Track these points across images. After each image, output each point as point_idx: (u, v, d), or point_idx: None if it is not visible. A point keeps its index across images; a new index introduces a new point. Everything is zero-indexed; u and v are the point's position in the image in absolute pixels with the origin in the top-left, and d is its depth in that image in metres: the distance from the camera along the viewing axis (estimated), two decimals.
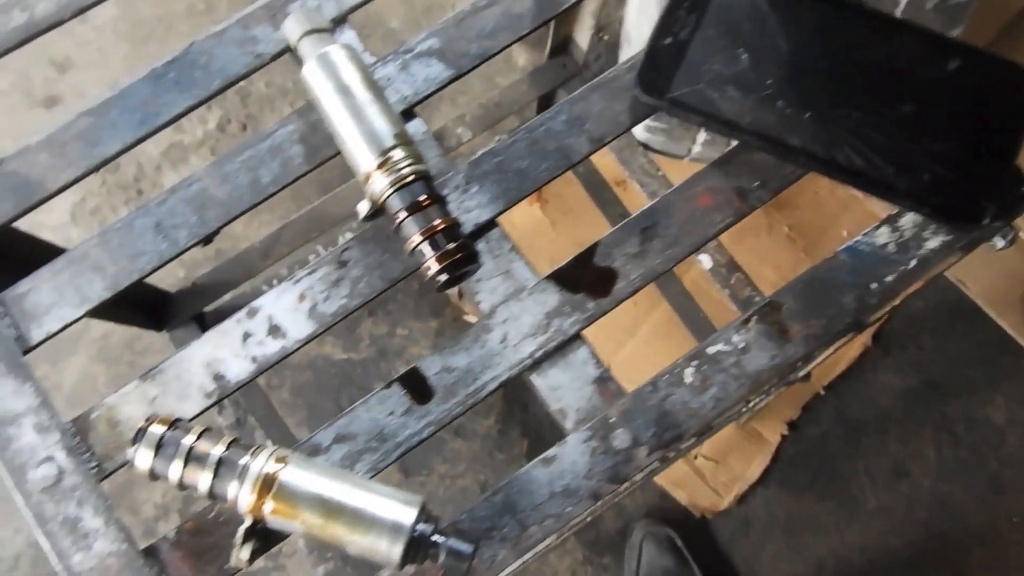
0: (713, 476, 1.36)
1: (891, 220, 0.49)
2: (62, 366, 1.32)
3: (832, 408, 1.38)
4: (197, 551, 0.45)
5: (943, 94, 0.49)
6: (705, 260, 0.98)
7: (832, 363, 1.37)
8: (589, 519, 0.46)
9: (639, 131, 1.01)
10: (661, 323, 1.34)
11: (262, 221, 1.43)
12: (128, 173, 1.42)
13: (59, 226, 1.40)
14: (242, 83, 1.47)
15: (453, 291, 1.36)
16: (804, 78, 0.49)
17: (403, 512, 0.41)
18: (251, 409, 0.97)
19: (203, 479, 0.42)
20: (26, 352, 0.47)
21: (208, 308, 0.98)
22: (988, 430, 1.37)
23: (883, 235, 0.49)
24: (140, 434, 0.42)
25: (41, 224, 1.36)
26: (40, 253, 0.55)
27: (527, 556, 0.45)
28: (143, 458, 0.42)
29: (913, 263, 0.49)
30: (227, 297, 1.00)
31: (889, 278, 0.48)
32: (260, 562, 1.33)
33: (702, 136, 0.93)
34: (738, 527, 1.35)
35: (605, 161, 1.21)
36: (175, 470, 0.41)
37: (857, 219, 1.36)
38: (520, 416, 1.38)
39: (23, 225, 0.52)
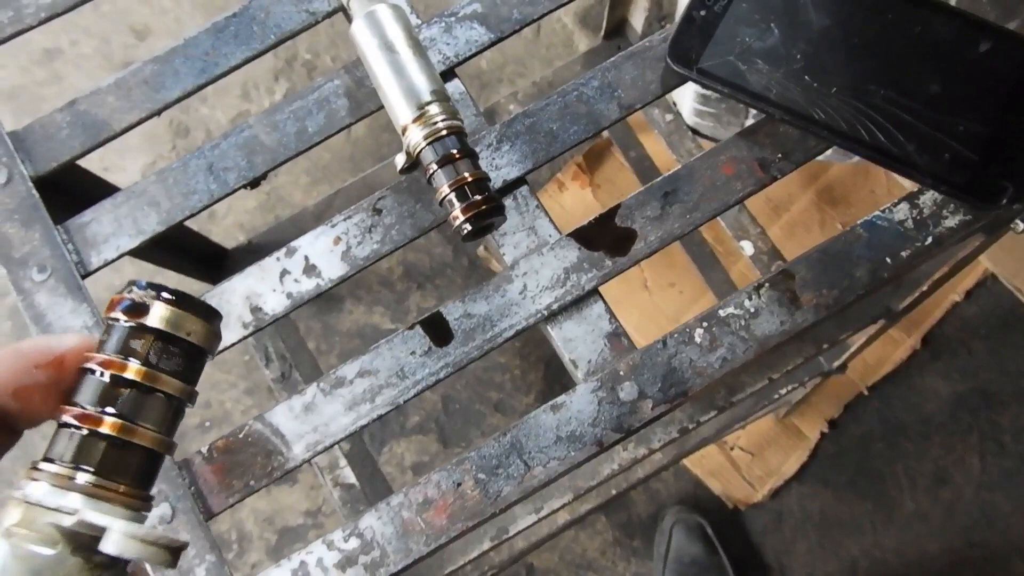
0: (748, 468, 1.36)
1: (911, 197, 0.50)
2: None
3: (875, 409, 1.37)
4: (226, 467, 0.49)
5: (971, 75, 0.49)
6: (747, 247, 0.98)
7: (877, 363, 1.36)
8: (614, 493, 0.47)
9: (689, 116, 1.02)
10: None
11: (320, 191, 1.48)
12: (197, 139, 1.49)
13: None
14: (309, 57, 1.52)
15: (491, 261, 1.39)
16: (832, 54, 0.50)
17: None
18: (298, 366, 1.02)
19: None
20: (84, 276, 0.52)
21: None
22: None
23: (902, 211, 0.50)
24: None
25: (115, 184, 1.44)
26: (101, 191, 0.60)
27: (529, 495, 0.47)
28: None
29: (929, 240, 0.49)
30: None
31: (904, 253, 0.49)
32: (299, 518, 1.38)
33: (750, 121, 0.94)
34: (771, 521, 1.35)
35: (657, 148, 1.22)
36: None
37: None
38: (560, 394, 1.40)
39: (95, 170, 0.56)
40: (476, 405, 1.41)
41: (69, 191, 0.57)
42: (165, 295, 0.28)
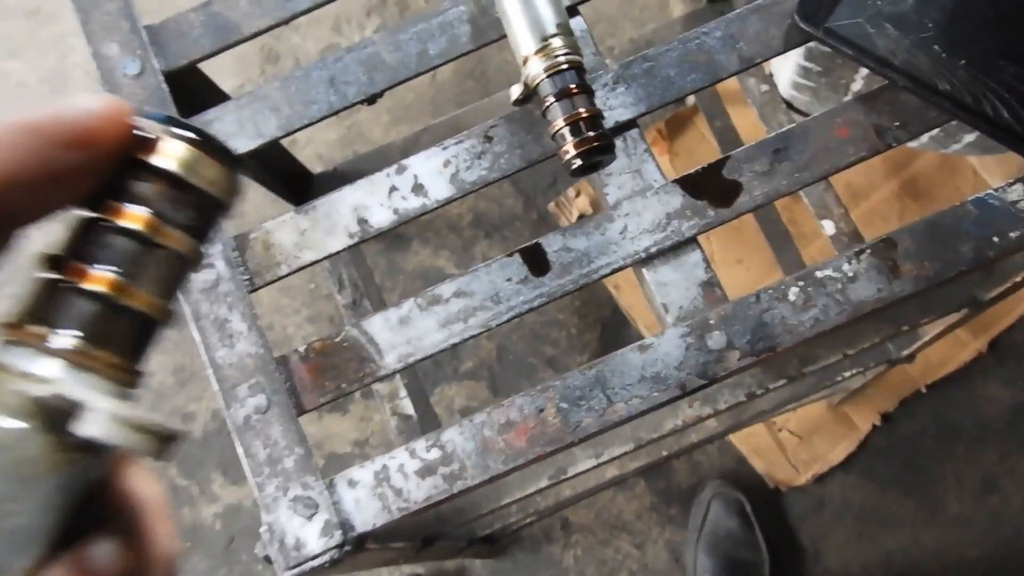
0: (794, 451, 1.36)
1: None
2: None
3: (931, 408, 1.35)
4: (320, 368, 0.51)
5: None
6: (828, 227, 0.97)
7: (939, 363, 1.34)
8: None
9: (785, 88, 1.01)
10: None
11: (399, 131, 1.50)
12: (286, 67, 1.51)
13: None
14: None
15: (561, 217, 1.40)
16: (965, 24, 0.49)
17: None
18: (368, 295, 1.04)
19: None
20: None
21: None
22: None
23: (1016, 192, 0.49)
24: None
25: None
26: (217, 98, 0.62)
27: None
28: None
29: None
30: None
31: (1013, 234, 0.49)
32: (347, 447, 1.42)
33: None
34: (811, 506, 1.35)
35: (743, 121, 1.21)
36: None
37: None
38: None
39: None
40: (529, 358, 1.43)
41: (190, 94, 0.59)
42: (180, 131, 0.23)
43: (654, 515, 1.38)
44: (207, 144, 0.23)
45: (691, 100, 1.38)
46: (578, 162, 0.49)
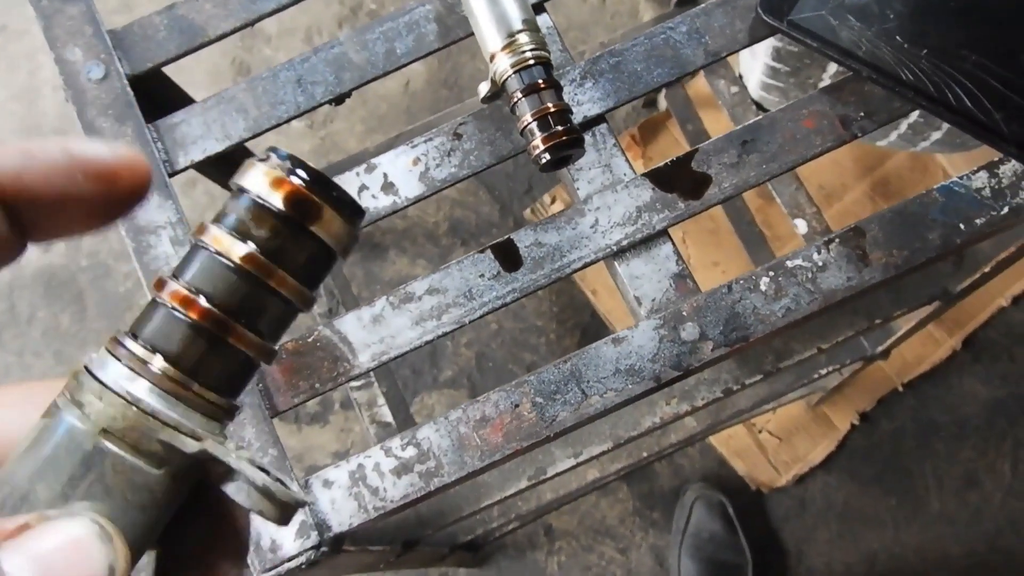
0: (775, 453, 1.36)
1: (991, 166, 0.50)
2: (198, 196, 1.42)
3: (909, 406, 1.36)
4: (294, 368, 0.50)
5: None
6: (801, 225, 0.98)
7: (915, 361, 1.35)
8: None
9: (755, 89, 1.02)
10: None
11: (374, 141, 1.49)
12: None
13: None
14: (375, 7, 1.53)
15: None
16: (927, 15, 0.50)
17: None
18: (344, 304, 1.03)
19: None
20: (171, 175, 0.53)
21: None
22: None
23: (980, 179, 0.50)
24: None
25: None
26: (183, 103, 0.61)
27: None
28: None
29: (1006, 210, 0.49)
30: None
31: (979, 221, 0.49)
32: (327, 458, 1.41)
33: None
34: (793, 507, 1.36)
35: (717, 125, 1.22)
36: None
37: None
38: None
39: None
40: (509, 365, 1.42)
41: (156, 98, 0.58)
42: (303, 174, 0.23)
43: (637, 519, 1.38)
44: (327, 190, 0.23)
45: (663, 105, 1.39)
46: (547, 157, 0.49)
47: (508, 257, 0.51)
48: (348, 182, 0.52)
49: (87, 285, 1.46)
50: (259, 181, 0.23)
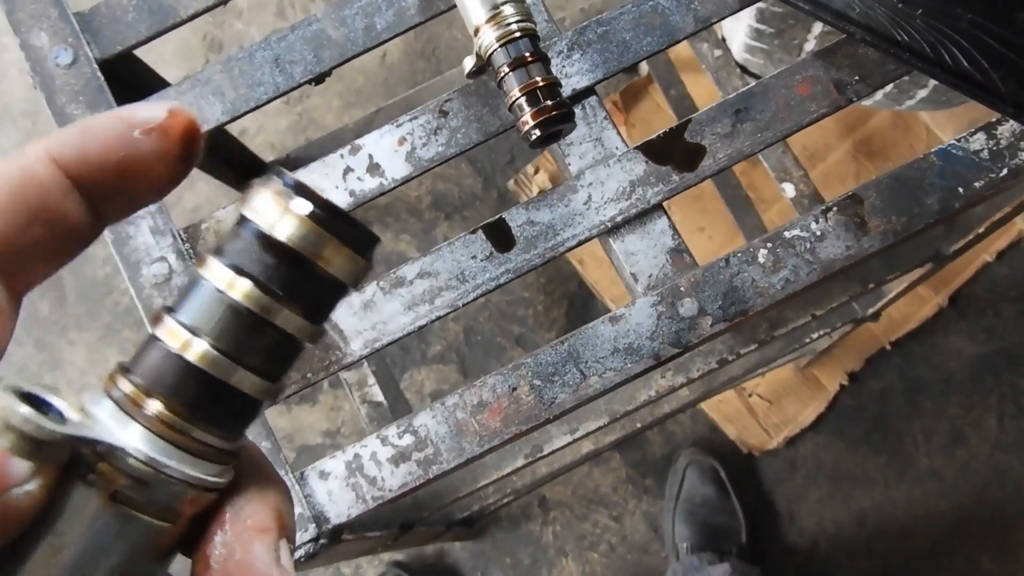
0: (765, 415, 1.37)
1: (989, 127, 0.49)
2: (183, 192, 1.39)
3: (896, 365, 1.37)
4: None
5: None
6: (789, 189, 0.97)
7: (902, 319, 1.35)
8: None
9: (738, 52, 1.00)
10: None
11: (352, 115, 1.47)
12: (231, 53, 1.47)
13: None
14: None
15: (521, 195, 1.38)
16: None
17: None
18: None
19: None
20: None
21: None
22: None
23: (978, 141, 0.49)
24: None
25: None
26: (157, 85, 0.59)
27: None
28: None
29: (1004, 172, 0.49)
30: None
31: (978, 184, 0.48)
32: (318, 437, 1.40)
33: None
34: (784, 468, 1.37)
35: (700, 89, 1.20)
36: None
37: None
38: None
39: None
40: (498, 338, 1.42)
41: (128, 82, 0.56)
42: (310, 205, 0.21)
43: (630, 487, 1.38)
44: (335, 222, 0.21)
45: (645, 70, 1.37)
46: (537, 132, 0.48)
47: (500, 237, 0.50)
48: (333, 165, 0.51)
49: (65, 271, 1.43)
50: (263, 211, 0.21)
